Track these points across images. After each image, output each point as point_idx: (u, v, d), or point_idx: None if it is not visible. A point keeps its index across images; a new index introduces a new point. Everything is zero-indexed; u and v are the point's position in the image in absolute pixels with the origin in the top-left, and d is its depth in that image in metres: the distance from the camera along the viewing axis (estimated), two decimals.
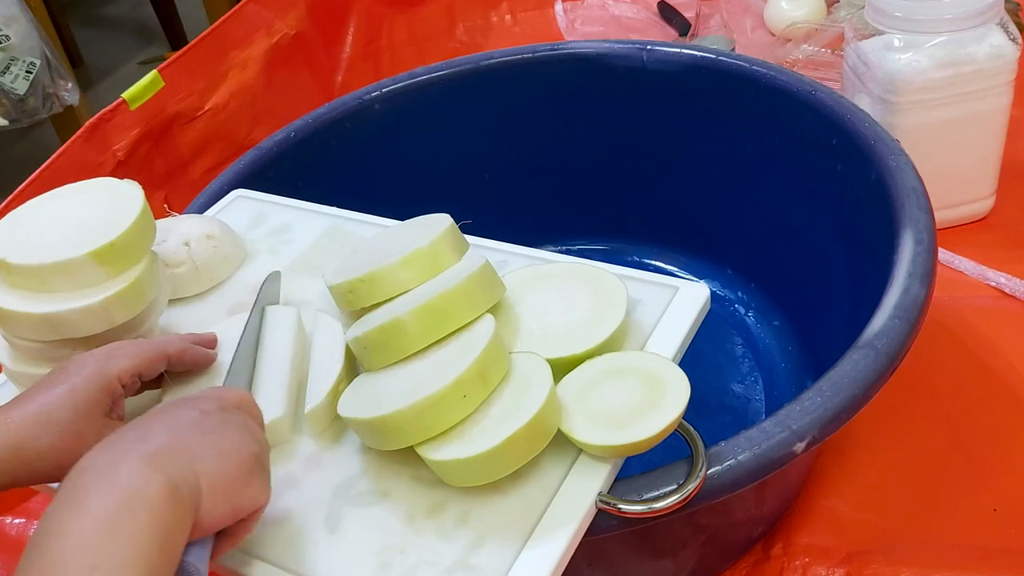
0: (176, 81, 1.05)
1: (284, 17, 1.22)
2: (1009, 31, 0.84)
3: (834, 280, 0.77)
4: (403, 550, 0.47)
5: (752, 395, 0.81)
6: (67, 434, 0.47)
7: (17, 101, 1.57)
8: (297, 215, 0.73)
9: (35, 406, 0.48)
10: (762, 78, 0.80)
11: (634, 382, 0.49)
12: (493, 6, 1.47)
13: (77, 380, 0.49)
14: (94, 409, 0.49)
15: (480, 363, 0.48)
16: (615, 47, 0.88)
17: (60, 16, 2.08)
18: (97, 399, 0.49)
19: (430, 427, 0.47)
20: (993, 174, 0.92)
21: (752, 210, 0.87)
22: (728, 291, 0.91)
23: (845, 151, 0.72)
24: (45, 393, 0.48)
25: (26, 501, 0.82)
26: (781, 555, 0.67)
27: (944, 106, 0.85)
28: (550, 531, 0.46)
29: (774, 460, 0.50)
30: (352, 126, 0.89)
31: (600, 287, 0.56)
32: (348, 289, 0.56)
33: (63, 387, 0.49)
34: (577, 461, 0.49)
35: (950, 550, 0.66)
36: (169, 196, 1.04)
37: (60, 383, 0.49)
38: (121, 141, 0.99)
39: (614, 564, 0.60)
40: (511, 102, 0.91)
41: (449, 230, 0.58)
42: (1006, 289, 0.86)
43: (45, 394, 0.48)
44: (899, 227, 0.62)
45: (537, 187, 0.95)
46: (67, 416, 0.48)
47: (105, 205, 0.59)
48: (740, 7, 1.36)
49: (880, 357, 0.54)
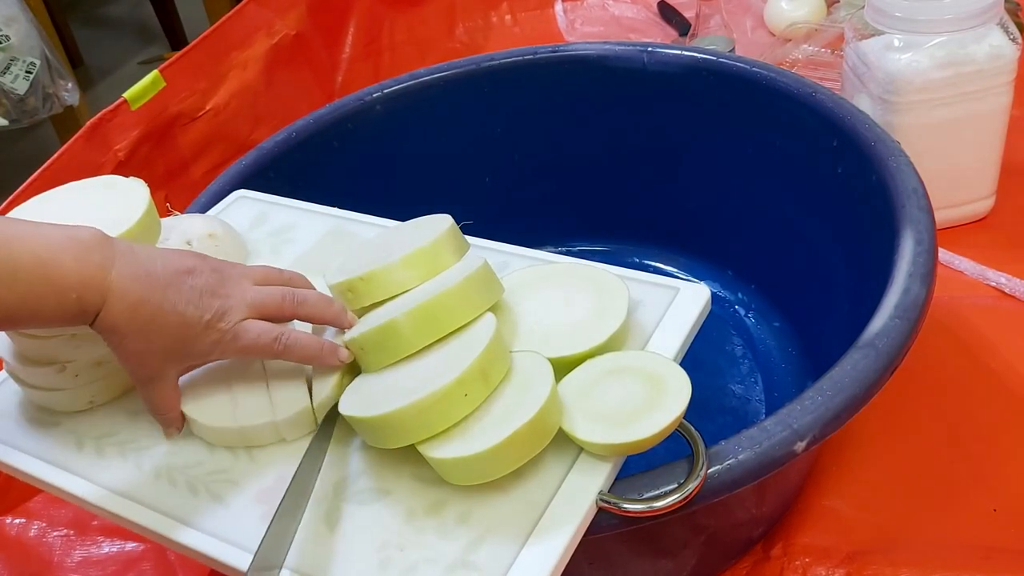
0: (177, 81, 1.05)
1: (284, 17, 1.22)
2: (1009, 31, 0.84)
3: (834, 281, 0.77)
4: (403, 548, 0.47)
5: (752, 396, 0.81)
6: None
7: (17, 101, 1.57)
8: (298, 215, 0.73)
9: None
10: (763, 80, 0.80)
11: (635, 381, 0.49)
12: (493, 6, 1.47)
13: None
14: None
15: (482, 362, 0.48)
16: (616, 49, 0.88)
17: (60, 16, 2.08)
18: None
19: (432, 425, 0.48)
20: (993, 174, 0.92)
21: (753, 211, 0.87)
22: (728, 292, 0.91)
23: (845, 153, 0.72)
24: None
25: (27, 501, 0.82)
26: (781, 555, 0.67)
27: (944, 106, 0.85)
28: (551, 529, 0.46)
29: (775, 459, 0.50)
30: (353, 126, 0.89)
31: (601, 287, 0.56)
32: (348, 288, 0.56)
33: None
34: (578, 460, 0.49)
35: (950, 550, 0.66)
36: (170, 196, 1.04)
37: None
38: (122, 141, 0.99)
39: (614, 563, 0.60)
40: (512, 103, 0.92)
41: (450, 231, 0.58)
42: (1006, 289, 0.86)
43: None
44: (899, 227, 0.63)
45: (538, 188, 0.95)
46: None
47: (111, 202, 0.59)
48: (740, 7, 1.36)
49: (880, 357, 0.54)
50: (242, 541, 0.50)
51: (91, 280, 0.47)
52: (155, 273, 0.49)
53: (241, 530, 0.50)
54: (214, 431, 0.55)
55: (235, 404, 0.55)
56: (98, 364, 0.58)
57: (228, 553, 0.49)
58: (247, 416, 0.54)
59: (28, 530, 0.80)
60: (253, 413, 0.54)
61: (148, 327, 0.49)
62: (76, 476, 0.55)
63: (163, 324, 0.49)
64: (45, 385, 0.58)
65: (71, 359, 0.57)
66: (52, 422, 0.59)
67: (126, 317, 0.48)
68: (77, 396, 0.58)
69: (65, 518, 0.80)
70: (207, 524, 0.51)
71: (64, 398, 0.59)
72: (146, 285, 0.49)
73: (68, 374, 0.57)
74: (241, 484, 0.53)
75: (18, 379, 0.59)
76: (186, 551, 0.51)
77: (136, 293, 0.48)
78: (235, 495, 0.52)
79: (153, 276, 0.49)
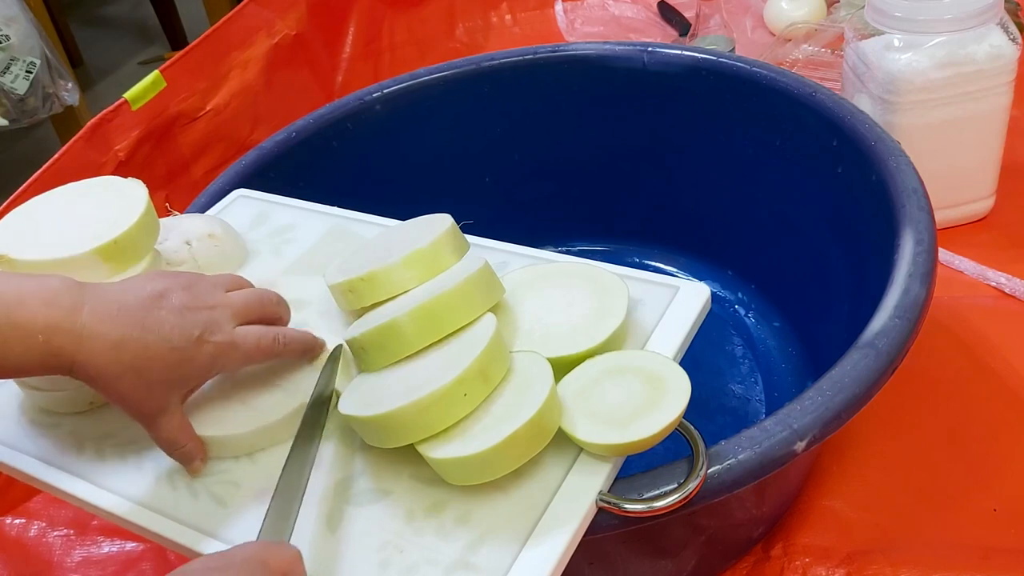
0: (178, 81, 1.05)
1: (285, 17, 1.22)
2: (1009, 31, 0.84)
3: (834, 281, 0.77)
4: (403, 549, 0.47)
5: (752, 396, 0.81)
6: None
7: (17, 101, 1.57)
8: (298, 215, 0.73)
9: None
10: (763, 80, 0.80)
11: (635, 381, 0.49)
12: (493, 6, 1.47)
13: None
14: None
15: (481, 361, 0.48)
16: (616, 48, 0.88)
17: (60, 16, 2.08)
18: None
19: (431, 425, 0.47)
20: (993, 174, 0.92)
21: (752, 211, 0.87)
22: (728, 292, 0.91)
23: (845, 152, 0.72)
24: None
25: (27, 501, 0.82)
26: (781, 555, 0.67)
27: (944, 106, 0.85)
28: (551, 530, 0.46)
29: (775, 459, 0.50)
30: (353, 126, 0.89)
31: (601, 286, 0.56)
32: (348, 288, 0.56)
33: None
34: (578, 460, 0.49)
35: (950, 550, 0.66)
36: (170, 196, 1.04)
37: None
38: (123, 141, 0.99)
39: (614, 564, 0.60)
40: (512, 103, 0.92)
41: (450, 230, 0.58)
42: (1006, 289, 0.86)
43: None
44: (899, 227, 0.63)
45: (538, 188, 0.95)
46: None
47: (109, 203, 0.59)
48: (740, 7, 1.36)
49: (880, 357, 0.54)
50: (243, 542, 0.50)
51: (60, 323, 0.46)
52: (128, 306, 0.48)
53: (242, 532, 0.50)
54: (238, 439, 0.54)
55: (249, 407, 0.54)
56: None
57: None
58: (272, 412, 0.54)
59: (28, 530, 0.80)
60: (276, 407, 0.54)
61: (138, 362, 0.48)
62: (76, 477, 0.55)
63: (153, 356, 0.48)
64: (45, 386, 0.58)
65: None
66: (53, 423, 0.59)
67: (111, 358, 0.47)
68: (77, 397, 0.58)
69: (65, 518, 0.80)
70: (207, 526, 0.51)
71: (64, 399, 0.58)
72: (123, 322, 0.47)
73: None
74: (242, 486, 0.53)
75: (18, 380, 0.59)
76: (187, 552, 0.51)
77: (116, 332, 0.47)
78: (236, 497, 0.52)
79: (127, 310, 0.48)
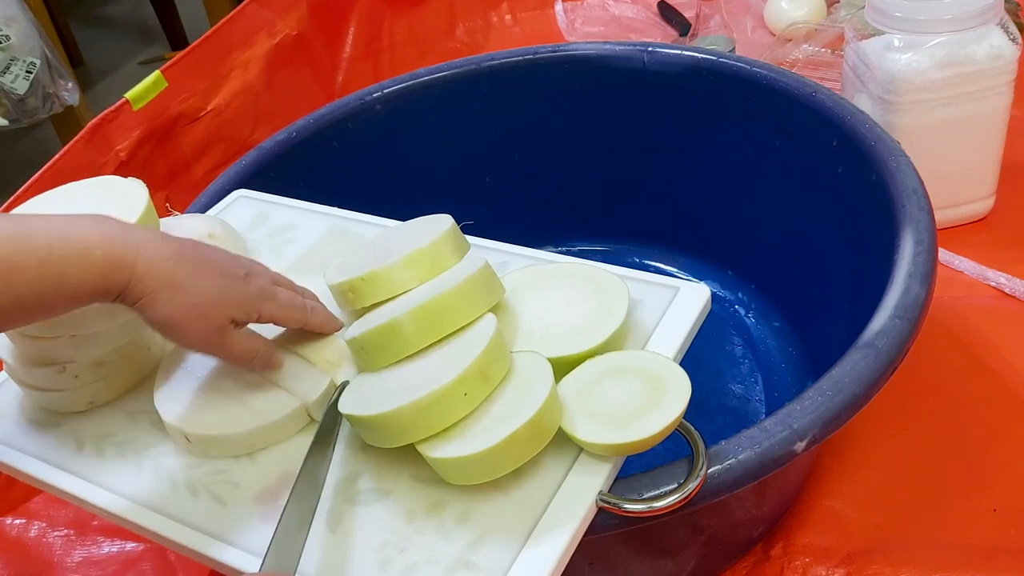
0: (178, 81, 1.05)
1: (285, 18, 1.22)
2: (1009, 31, 0.84)
3: (834, 281, 0.77)
4: (403, 548, 0.47)
5: (752, 396, 0.81)
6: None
7: (17, 101, 1.57)
8: (298, 215, 0.73)
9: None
10: (763, 80, 0.80)
11: (635, 381, 0.49)
12: (493, 6, 1.47)
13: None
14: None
15: (482, 361, 0.48)
16: (616, 49, 0.88)
17: (60, 16, 2.08)
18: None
19: (431, 424, 0.48)
20: (993, 174, 0.92)
21: (752, 211, 0.87)
22: (728, 292, 0.91)
23: (846, 153, 0.72)
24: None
25: (27, 501, 0.82)
26: (781, 555, 0.67)
27: (944, 106, 0.85)
28: (551, 530, 0.46)
29: (775, 459, 0.50)
30: (354, 126, 0.89)
31: (601, 287, 0.56)
32: (348, 288, 0.56)
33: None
34: (578, 460, 0.49)
35: (950, 550, 0.66)
36: (171, 196, 1.04)
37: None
38: (124, 141, 0.99)
39: (614, 563, 0.60)
40: (512, 103, 0.92)
41: (450, 231, 0.58)
42: (1006, 289, 0.86)
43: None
44: (899, 227, 0.63)
45: (538, 188, 0.95)
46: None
47: (110, 203, 0.59)
48: (740, 7, 1.36)
49: (880, 357, 0.54)
50: (243, 542, 0.50)
51: (115, 237, 0.47)
52: (176, 237, 0.50)
53: (242, 531, 0.50)
54: (238, 439, 0.54)
55: (249, 408, 0.54)
56: (98, 364, 0.58)
57: (229, 554, 0.49)
58: (272, 412, 0.54)
59: (28, 530, 0.80)
60: (276, 407, 0.54)
61: (197, 272, 0.49)
62: (76, 477, 0.55)
63: (209, 268, 0.50)
64: (45, 386, 0.58)
65: (71, 360, 0.57)
66: (52, 423, 0.59)
67: (172, 265, 0.48)
68: (77, 397, 0.58)
69: (65, 518, 0.80)
70: (207, 525, 0.51)
71: (64, 399, 0.59)
72: (176, 242, 0.49)
73: (68, 375, 0.57)
74: (242, 485, 0.53)
75: (18, 380, 0.59)
76: (186, 552, 0.51)
77: (171, 246, 0.49)
78: (236, 496, 0.52)
79: (176, 238, 0.50)
